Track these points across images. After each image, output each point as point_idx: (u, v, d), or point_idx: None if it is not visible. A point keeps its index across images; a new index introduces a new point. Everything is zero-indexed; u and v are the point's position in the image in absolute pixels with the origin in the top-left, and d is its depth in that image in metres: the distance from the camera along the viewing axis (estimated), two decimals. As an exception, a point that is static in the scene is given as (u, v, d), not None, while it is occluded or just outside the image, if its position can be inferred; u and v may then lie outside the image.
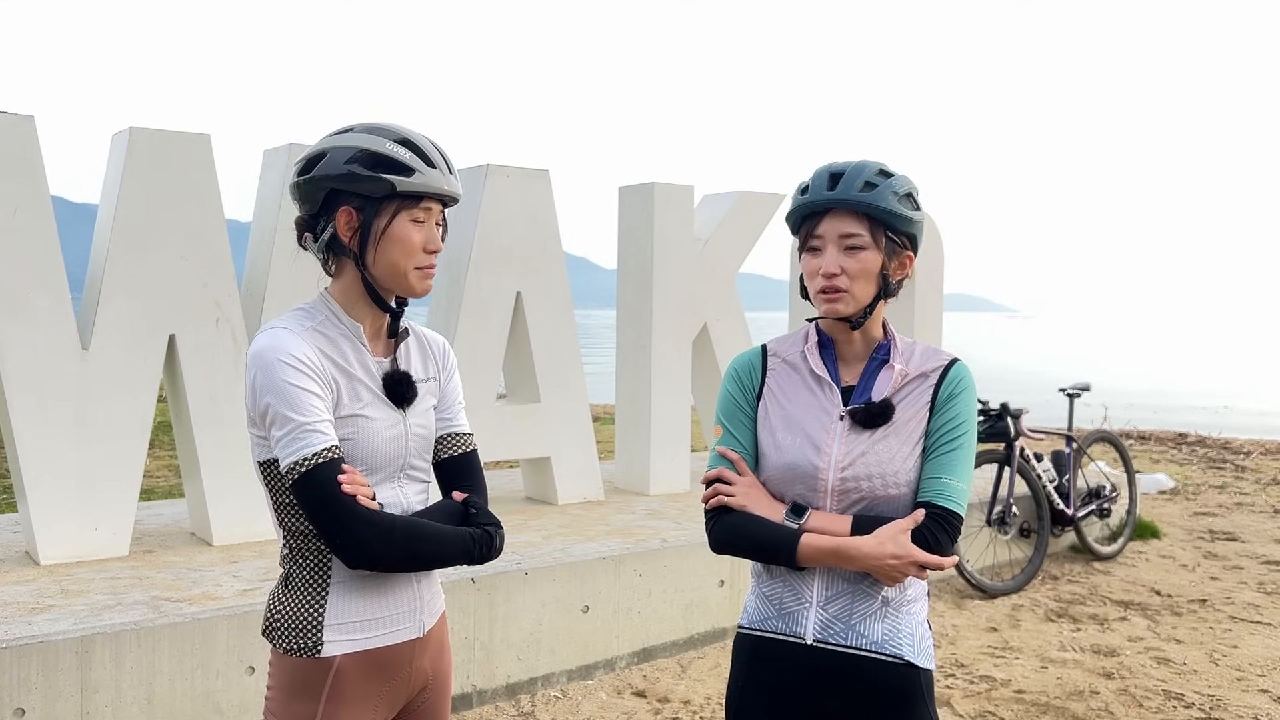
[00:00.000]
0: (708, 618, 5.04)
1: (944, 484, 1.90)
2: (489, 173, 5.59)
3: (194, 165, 4.69)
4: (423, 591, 1.95)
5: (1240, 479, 10.39)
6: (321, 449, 1.74)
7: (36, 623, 3.54)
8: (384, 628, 1.88)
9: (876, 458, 1.91)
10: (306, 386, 1.76)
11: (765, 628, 2.01)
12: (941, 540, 1.88)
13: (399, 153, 1.82)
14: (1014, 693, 4.54)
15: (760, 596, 2.04)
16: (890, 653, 1.93)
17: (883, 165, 1.96)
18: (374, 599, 1.87)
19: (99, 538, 4.49)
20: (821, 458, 1.93)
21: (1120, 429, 13.60)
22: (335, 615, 1.84)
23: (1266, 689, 4.62)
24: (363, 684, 1.86)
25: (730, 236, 6.56)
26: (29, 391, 4.32)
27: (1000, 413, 6.40)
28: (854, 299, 1.93)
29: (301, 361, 1.77)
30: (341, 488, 1.73)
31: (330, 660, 1.84)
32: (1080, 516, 6.84)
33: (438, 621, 2.01)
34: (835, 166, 1.96)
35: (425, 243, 1.86)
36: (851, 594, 1.94)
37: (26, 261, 4.30)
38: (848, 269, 1.91)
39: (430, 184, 1.84)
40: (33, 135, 4.32)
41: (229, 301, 4.79)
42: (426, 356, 2.01)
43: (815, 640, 1.95)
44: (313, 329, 1.85)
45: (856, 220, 1.91)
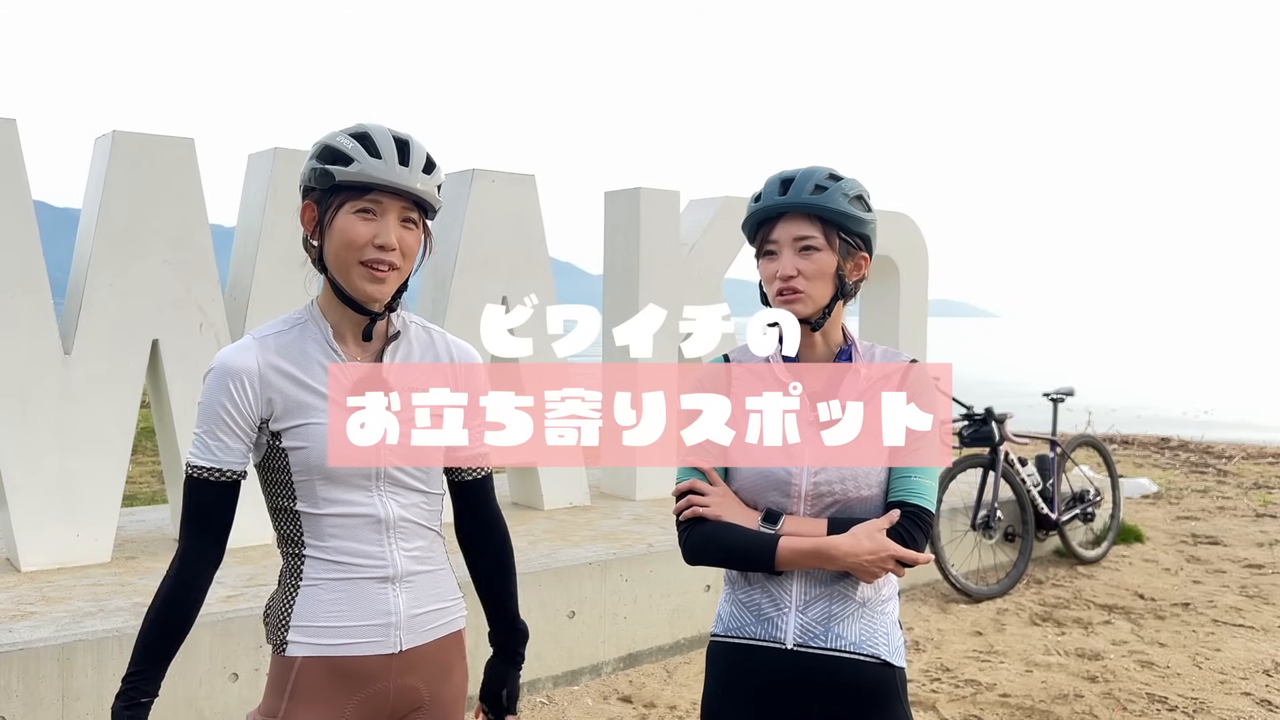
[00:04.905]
0: (694, 623, 5.04)
1: (914, 482, 1.93)
2: (475, 177, 5.58)
3: (178, 169, 4.67)
4: (402, 606, 1.87)
5: (1222, 483, 10.46)
6: (198, 465, 1.82)
7: (17, 630, 3.51)
8: (347, 637, 1.84)
9: (848, 460, 1.93)
10: (223, 403, 1.80)
11: (743, 634, 2.00)
12: (916, 537, 1.91)
13: (343, 143, 1.78)
14: (999, 696, 4.55)
15: (735, 603, 2.03)
16: (868, 652, 1.95)
17: (832, 170, 2.00)
18: (339, 607, 1.84)
19: (81, 544, 4.46)
20: (794, 463, 1.94)
21: (1103, 434, 13.67)
22: (300, 617, 1.84)
23: (1249, 691, 4.65)
24: (324, 689, 1.83)
25: (716, 241, 6.57)
26: (10, 396, 4.29)
27: (985, 417, 6.42)
28: (811, 300, 1.96)
29: (233, 382, 1.80)
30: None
31: (293, 660, 1.84)
32: (1064, 520, 6.87)
33: (435, 641, 1.93)
34: (786, 173, 2.01)
35: (374, 237, 1.77)
36: (829, 596, 1.95)
37: (8, 266, 4.27)
38: (804, 270, 1.94)
39: (368, 173, 1.75)
40: (14, 139, 4.30)
41: (213, 306, 4.77)
42: (429, 361, 1.93)
43: (796, 644, 1.95)
44: (278, 334, 1.85)
45: (809, 223, 1.95)
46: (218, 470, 1.81)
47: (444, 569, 1.98)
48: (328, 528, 1.83)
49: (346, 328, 1.87)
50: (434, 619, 1.93)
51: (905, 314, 6.79)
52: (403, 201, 1.81)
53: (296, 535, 1.86)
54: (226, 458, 1.81)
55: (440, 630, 1.95)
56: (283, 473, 1.84)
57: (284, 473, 1.84)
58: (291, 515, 1.85)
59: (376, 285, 1.80)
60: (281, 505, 1.86)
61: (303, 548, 1.85)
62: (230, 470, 1.82)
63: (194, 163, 4.72)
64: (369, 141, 1.79)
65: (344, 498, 1.82)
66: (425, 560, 1.92)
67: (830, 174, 1.98)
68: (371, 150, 1.78)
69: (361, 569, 1.84)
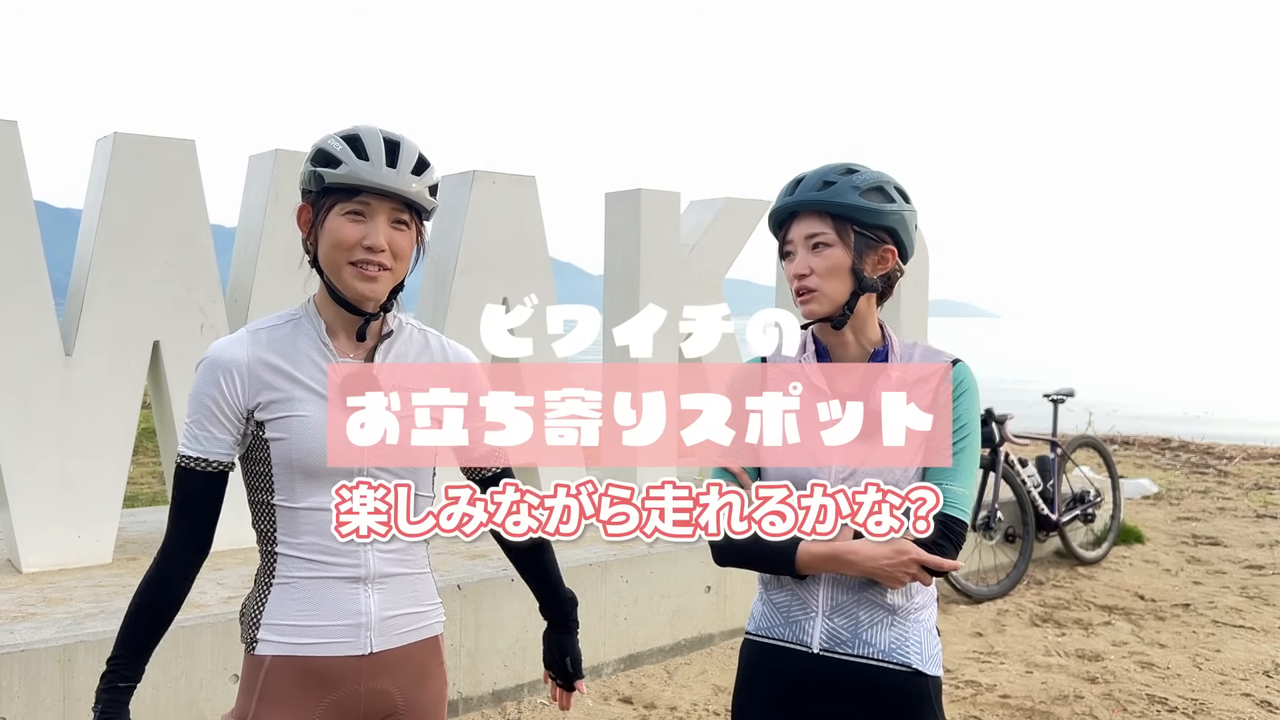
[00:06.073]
0: (694, 624, 5.04)
1: (945, 490, 1.88)
2: (475, 179, 5.58)
3: (179, 171, 4.67)
4: (373, 608, 1.85)
5: (1223, 484, 10.46)
6: (186, 454, 1.84)
7: (18, 631, 3.52)
8: (316, 636, 1.83)
9: (877, 466, 1.90)
10: (211, 395, 1.82)
11: (772, 635, 2.01)
12: (945, 547, 1.87)
13: (333, 145, 1.80)
14: (999, 697, 4.56)
15: (767, 603, 2.03)
16: (898, 660, 1.93)
17: (851, 164, 1.96)
18: (310, 606, 1.83)
19: (82, 545, 4.46)
20: (821, 468, 1.92)
21: (1104, 434, 13.67)
22: (271, 615, 1.84)
23: (1249, 693, 4.65)
24: (293, 690, 1.83)
25: (717, 242, 6.57)
26: (12, 397, 4.29)
27: (985, 418, 6.43)
28: (827, 298, 1.93)
29: (222, 374, 1.82)
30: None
31: (263, 659, 1.84)
32: (1065, 521, 6.87)
33: (410, 645, 1.91)
34: (801, 174, 1.99)
35: (363, 238, 1.78)
36: (858, 603, 1.93)
37: (9, 267, 4.27)
38: (815, 268, 1.92)
39: (355, 175, 1.77)
40: (16, 140, 4.30)
41: (213, 308, 4.77)
42: (423, 362, 1.94)
43: (822, 649, 1.94)
44: (271, 328, 1.87)
45: (819, 220, 1.93)
46: (204, 460, 1.83)
47: (424, 573, 1.96)
48: (303, 524, 1.83)
49: (340, 326, 1.88)
50: (408, 622, 1.91)
51: (906, 314, 6.79)
52: (392, 203, 1.81)
53: (271, 531, 1.86)
54: (213, 448, 1.83)
55: (415, 634, 1.93)
56: (263, 464, 1.84)
57: (264, 464, 1.84)
58: (268, 510, 1.86)
59: (368, 284, 1.81)
60: (260, 499, 1.87)
61: (276, 545, 1.85)
62: (217, 461, 1.84)
63: (195, 164, 4.73)
64: (358, 144, 1.79)
65: (321, 494, 1.81)
66: (403, 563, 1.90)
67: (846, 168, 1.95)
68: (360, 152, 1.78)
69: (332, 568, 1.83)
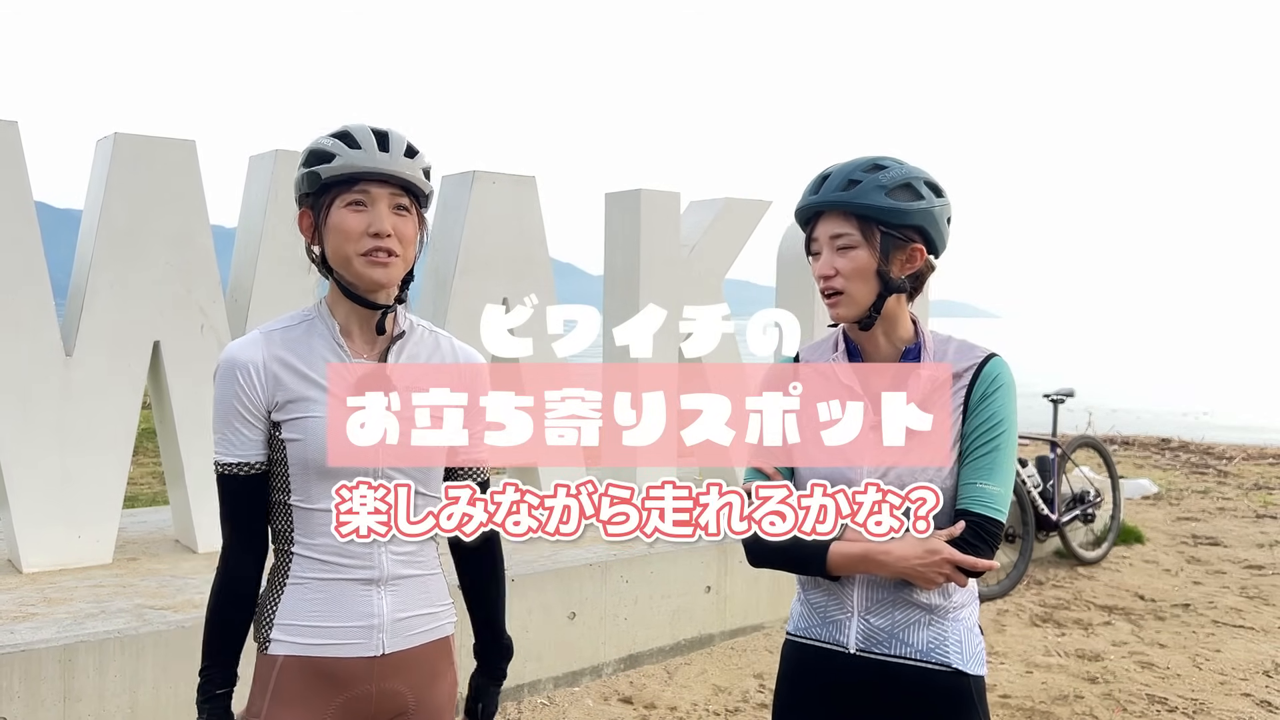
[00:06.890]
0: (694, 624, 5.04)
1: (980, 489, 1.86)
2: (475, 179, 5.58)
3: (179, 171, 4.67)
4: (386, 610, 1.87)
5: (1223, 484, 10.46)
6: (223, 461, 1.85)
7: (19, 631, 3.52)
8: (329, 638, 1.84)
9: (910, 466, 1.87)
10: (235, 393, 1.82)
11: (810, 635, 2.00)
12: (979, 547, 1.84)
13: (324, 143, 1.83)
14: (999, 697, 4.56)
15: (805, 603, 2.03)
16: (937, 660, 1.90)
17: (878, 159, 1.90)
18: (323, 606, 1.84)
19: (82, 545, 4.46)
20: (854, 468, 1.90)
21: (1104, 434, 13.67)
22: (285, 615, 1.85)
23: (1249, 693, 4.65)
24: (305, 690, 1.83)
25: (717, 243, 6.57)
26: (12, 397, 4.29)
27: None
28: (852, 300, 1.89)
29: (240, 373, 1.82)
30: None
31: (275, 658, 1.85)
32: (1064, 521, 6.87)
33: (422, 646, 1.93)
34: (829, 168, 1.93)
35: (368, 226, 1.80)
36: (893, 603, 1.91)
37: (10, 267, 4.27)
38: (841, 269, 1.88)
39: (352, 163, 1.79)
40: (16, 140, 4.30)
41: (214, 308, 4.77)
42: (435, 363, 1.94)
43: (859, 649, 1.93)
44: (285, 329, 1.87)
45: (845, 220, 1.88)
46: (243, 464, 1.84)
47: (435, 574, 1.98)
48: (317, 524, 1.83)
49: (354, 324, 1.89)
50: (420, 623, 1.93)
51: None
52: (390, 188, 1.82)
53: (287, 531, 1.87)
54: (246, 450, 1.84)
55: (427, 635, 1.95)
56: (280, 465, 1.85)
57: (281, 465, 1.85)
58: (285, 510, 1.86)
59: (380, 270, 1.81)
60: (277, 499, 1.87)
61: (292, 544, 1.86)
62: (257, 462, 1.85)
63: (195, 164, 4.73)
64: (348, 137, 1.83)
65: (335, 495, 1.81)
66: (415, 564, 1.91)
67: (873, 164, 1.89)
68: (351, 143, 1.81)
69: (346, 569, 1.84)
